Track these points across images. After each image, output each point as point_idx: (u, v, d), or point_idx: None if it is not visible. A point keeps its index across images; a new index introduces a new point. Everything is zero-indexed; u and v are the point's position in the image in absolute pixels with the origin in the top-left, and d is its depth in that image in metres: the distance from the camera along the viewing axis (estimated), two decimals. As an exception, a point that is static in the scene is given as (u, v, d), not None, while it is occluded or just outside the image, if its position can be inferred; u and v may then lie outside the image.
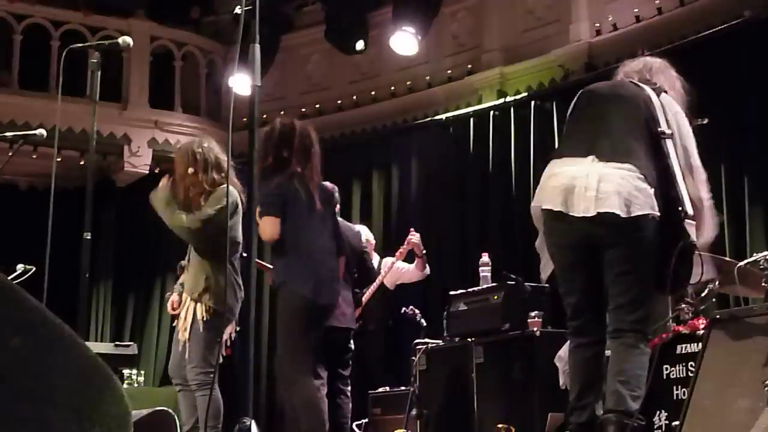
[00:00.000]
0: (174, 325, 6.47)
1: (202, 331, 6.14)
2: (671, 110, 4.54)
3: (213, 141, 6.45)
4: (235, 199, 6.09)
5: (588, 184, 4.19)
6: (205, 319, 6.13)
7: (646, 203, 4.18)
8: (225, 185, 6.00)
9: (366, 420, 8.31)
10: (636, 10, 9.76)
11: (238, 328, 6.85)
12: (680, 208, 4.28)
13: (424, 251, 8.30)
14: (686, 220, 4.27)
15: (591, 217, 4.15)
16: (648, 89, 4.59)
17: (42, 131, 6.52)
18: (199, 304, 6.19)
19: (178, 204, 6.19)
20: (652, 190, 4.21)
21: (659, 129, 4.43)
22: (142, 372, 11.06)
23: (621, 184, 4.18)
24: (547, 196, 4.33)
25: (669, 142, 4.40)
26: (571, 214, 4.20)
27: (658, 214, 4.19)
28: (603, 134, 4.38)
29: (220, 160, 6.24)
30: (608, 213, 4.13)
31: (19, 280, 6.66)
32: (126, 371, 10.29)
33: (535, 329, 6.95)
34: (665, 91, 4.63)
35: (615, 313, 4.31)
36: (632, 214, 4.15)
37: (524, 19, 11.03)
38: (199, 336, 6.16)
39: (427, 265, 8.38)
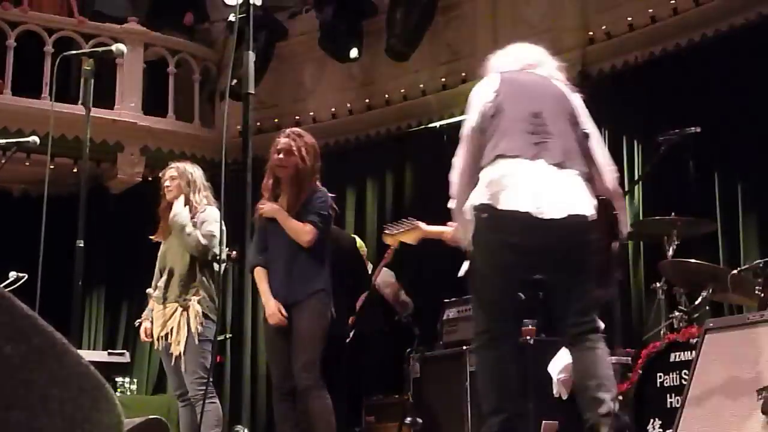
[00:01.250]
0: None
1: (198, 342, 6.27)
2: (583, 109, 4.54)
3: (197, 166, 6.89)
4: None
5: (554, 187, 4.17)
6: (199, 330, 6.26)
7: (594, 206, 4.23)
8: (209, 205, 6.58)
9: (360, 428, 8.30)
10: (629, 18, 9.77)
11: (230, 335, 6.88)
12: (614, 210, 4.34)
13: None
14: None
15: (559, 219, 4.11)
16: (564, 87, 4.58)
17: (35, 138, 6.52)
18: (189, 312, 6.32)
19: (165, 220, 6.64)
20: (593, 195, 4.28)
21: (584, 129, 4.44)
22: (135, 380, 11.04)
23: (582, 188, 4.22)
24: (510, 195, 4.16)
25: (591, 142, 4.43)
26: (540, 216, 4.11)
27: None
28: (548, 136, 4.31)
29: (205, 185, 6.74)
30: (579, 215, 4.15)
31: (11, 288, 6.65)
32: (119, 379, 10.28)
33: (528, 337, 6.95)
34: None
35: (574, 317, 4.30)
36: (594, 217, 4.19)
37: (517, 28, 11.02)
38: (195, 347, 6.27)
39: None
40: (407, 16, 11.03)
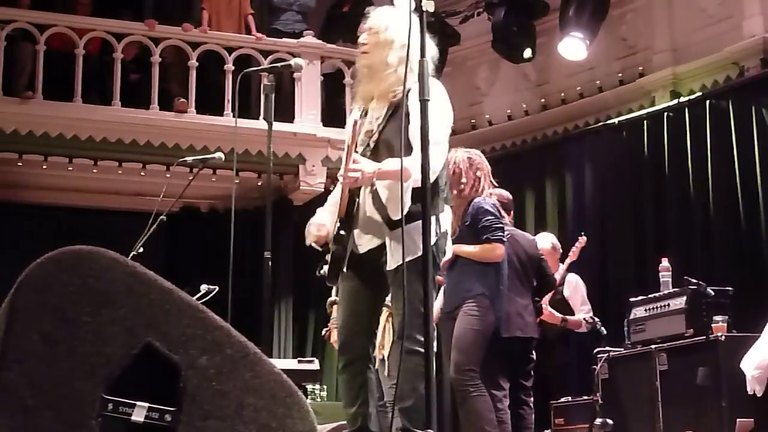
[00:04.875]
0: None
1: None
2: None
3: None
4: None
5: None
6: None
7: None
8: None
9: (549, 430, 8.24)
10: (814, 0, 9.43)
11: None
12: None
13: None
14: None
15: None
16: None
17: (221, 154, 6.71)
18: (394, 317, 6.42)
19: None
20: None
21: None
22: (325, 387, 11.22)
23: None
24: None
25: None
26: None
27: None
28: None
29: None
30: None
31: (203, 300, 6.85)
32: (309, 386, 10.45)
33: (719, 334, 6.79)
34: None
35: None
36: None
37: (695, 17, 10.77)
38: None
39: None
40: (581, 13, 10.90)
